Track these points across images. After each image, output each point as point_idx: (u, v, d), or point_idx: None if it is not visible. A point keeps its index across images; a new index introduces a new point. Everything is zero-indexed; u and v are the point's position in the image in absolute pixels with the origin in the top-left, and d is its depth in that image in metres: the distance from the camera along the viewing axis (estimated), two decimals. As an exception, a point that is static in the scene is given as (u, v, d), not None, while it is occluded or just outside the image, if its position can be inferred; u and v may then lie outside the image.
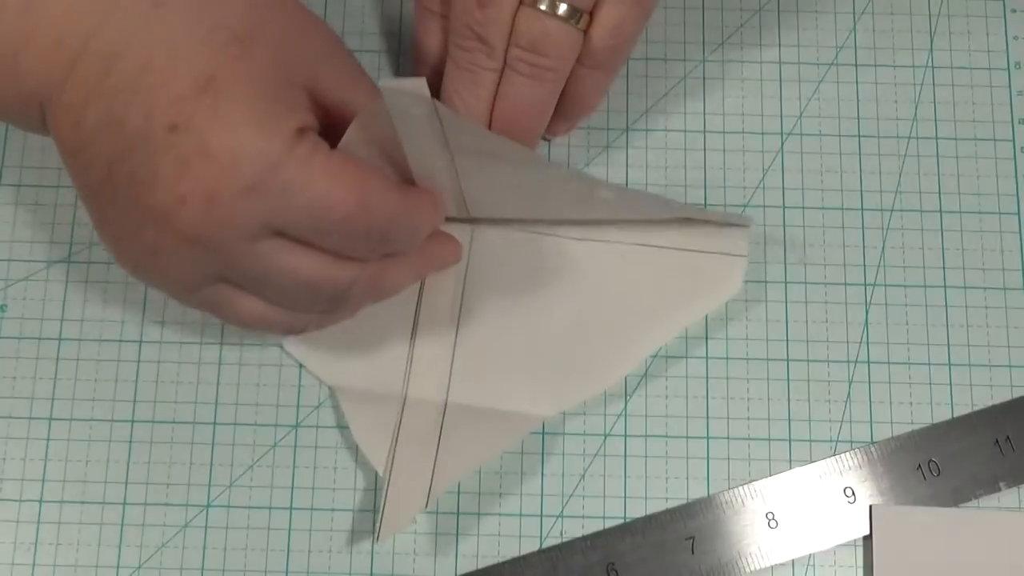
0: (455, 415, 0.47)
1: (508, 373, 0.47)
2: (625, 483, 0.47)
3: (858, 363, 0.49)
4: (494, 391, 0.47)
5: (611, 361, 0.48)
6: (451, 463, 0.46)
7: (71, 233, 0.50)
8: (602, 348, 0.48)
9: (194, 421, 0.48)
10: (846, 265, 0.50)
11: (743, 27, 0.53)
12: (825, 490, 0.47)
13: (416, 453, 0.46)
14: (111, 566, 0.46)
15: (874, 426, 0.48)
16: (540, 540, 0.47)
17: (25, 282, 0.49)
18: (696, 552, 0.46)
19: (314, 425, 0.48)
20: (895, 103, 0.52)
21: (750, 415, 0.48)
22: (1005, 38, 0.53)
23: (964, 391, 0.48)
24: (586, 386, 0.47)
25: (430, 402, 0.47)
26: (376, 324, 0.48)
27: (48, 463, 0.47)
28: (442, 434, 0.46)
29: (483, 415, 0.47)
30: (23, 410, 0.48)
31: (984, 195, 0.51)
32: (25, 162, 0.51)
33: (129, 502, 0.47)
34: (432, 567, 0.46)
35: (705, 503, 0.47)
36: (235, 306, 0.42)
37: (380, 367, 0.47)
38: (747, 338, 0.49)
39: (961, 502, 0.46)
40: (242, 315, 0.42)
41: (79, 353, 0.49)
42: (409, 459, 0.46)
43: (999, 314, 0.49)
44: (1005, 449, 0.47)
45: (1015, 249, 0.50)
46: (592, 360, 0.48)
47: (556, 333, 0.48)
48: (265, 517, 0.47)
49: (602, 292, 0.48)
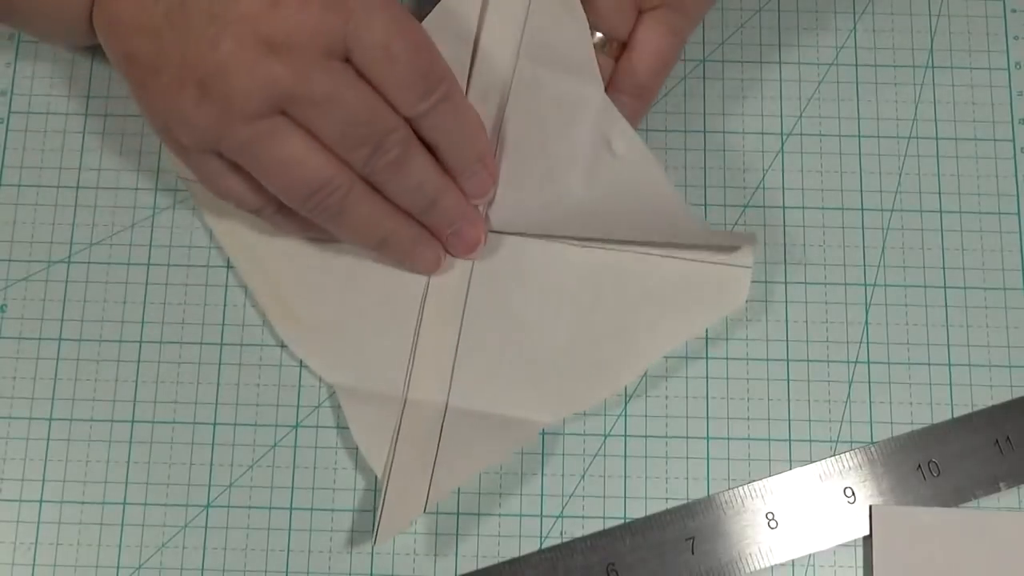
0: (455, 419, 0.47)
1: (510, 378, 0.47)
2: (625, 483, 0.47)
3: (858, 363, 0.49)
4: (495, 396, 0.47)
5: (613, 369, 0.47)
6: (450, 467, 0.46)
7: (71, 233, 0.50)
8: (605, 356, 0.47)
9: (194, 421, 0.48)
10: (846, 265, 0.50)
11: (743, 27, 0.53)
12: (825, 490, 0.47)
13: (415, 456, 0.46)
14: (111, 566, 0.46)
15: (874, 426, 0.48)
16: (540, 540, 0.47)
17: (25, 282, 0.49)
18: (696, 552, 0.46)
19: (314, 425, 0.48)
20: (895, 103, 0.52)
21: (750, 415, 0.48)
22: (1005, 38, 0.53)
23: (964, 391, 0.48)
24: (588, 394, 0.47)
25: (431, 404, 0.47)
26: (379, 324, 0.48)
27: (48, 463, 0.47)
28: (442, 437, 0.46)
29: (483, 419, 0.47)
30: (23, 410, 0.48)
31: (984, 195, 0.51)
32: (25, 162, 0.51)
33: (129, 502, 0.47)
34: (432, 567, 0.46)
35: (705, 503, 0.47)
36: (282, 141, 0.41)
37: (382, 367, 0.47)
38: (747, 338, 0.49)
39: (961, 502, 0.46)
40: (288, 156, 0.42)
41: (79, 353, 0.49)
42: (408, 462, 0.46)
43: (999, 314, 0.49)
44: (1005, 449, 0.47)
45: (1015, 249, 0.50)
46: (594, 368, 0.47)
47: (559, 339, 0.48)
48: (265, 517, 0.47)
49: (606, 299, 0.48)
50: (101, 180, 0.51)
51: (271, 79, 0.40)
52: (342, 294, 0.48)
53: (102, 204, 0.50)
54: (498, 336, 0.48)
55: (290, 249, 0.49)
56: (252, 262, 0.49)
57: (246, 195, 0.44)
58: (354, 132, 0.42)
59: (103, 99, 0.52)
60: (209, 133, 0.41)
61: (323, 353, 0.48)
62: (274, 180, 0.42)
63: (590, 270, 0.48)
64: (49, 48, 0.52)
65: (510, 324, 0.48)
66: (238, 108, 0.41)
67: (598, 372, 0.47)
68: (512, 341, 0.48)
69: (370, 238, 0.46)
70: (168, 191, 0.50)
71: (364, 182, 0.44)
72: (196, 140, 0.42)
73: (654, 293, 0.48)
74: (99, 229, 0.50)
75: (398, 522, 0.45)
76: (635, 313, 0.48)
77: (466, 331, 0.48)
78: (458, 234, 0.47)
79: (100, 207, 0.50)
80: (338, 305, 0.48)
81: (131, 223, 0.50)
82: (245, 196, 0.44)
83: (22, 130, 0.51)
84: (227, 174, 0.43)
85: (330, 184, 0.43)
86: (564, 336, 0.48)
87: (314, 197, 0.43)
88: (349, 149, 0.42)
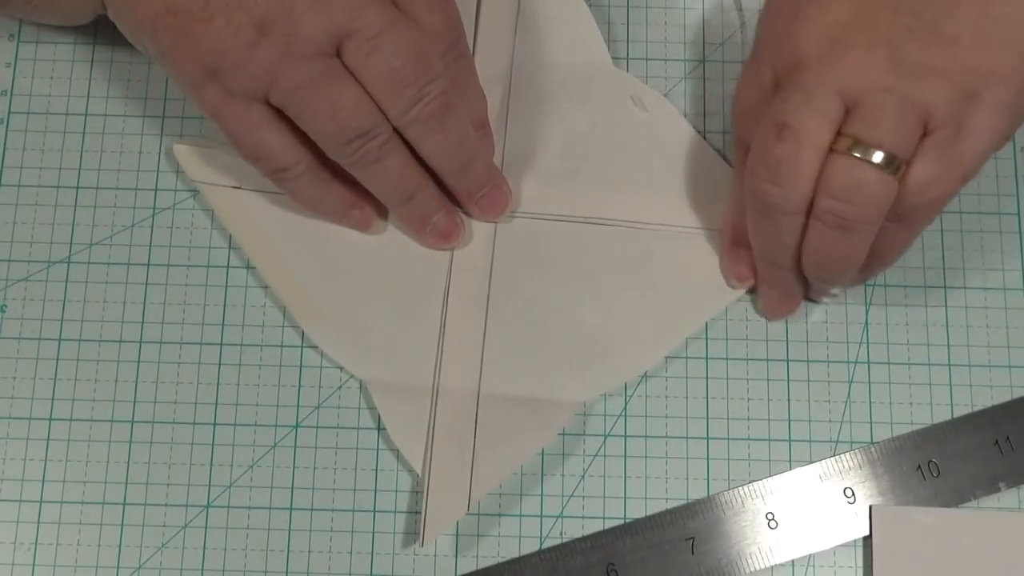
0: (489, 405, 0.47)
1: (540, 360, 0.47)
2: (625, 483, 0.47)
3: (858, 363, 0.49)
4: (527, 378, 0.47)
5: (648, 343, 0.48)
6: (490, 456, 0.46)
7: (71, 233, 0.50)
8: (638, 330, 0.48)
9: (194, 422, 0.48)
10: (846, 265, 0.50)
11: (743, 27, 0.53)
12: (825, 490, 0.47)
13: (453, 446, 0.46)
14: (111, 567, 0.46)
15: (874, 426, 0.48)
16: (540, 540, 0.47)
17: (25, 282, 0.49)
18: (696, 552, 0.46)
19: (314, 425, 0.48)
20: (895, 103, 0.52)
21: (750, 415, 0.48)
22: (1005, 38, 0.53)
23: (964, 391, 0.48)
24: (626, 367, 0.48)
25: (463, 391, 0.47)
26: (405, 315, 0.48)
27: (48, 463, 0.47)
28: (478, 424, 0.46)
29: (517, 404, 0.47)
30: (23, 410, 0.48)
31: (984, 195, 0.51)
32: (25, 162, 0.51)
33: (129, 502, 0.47)
34: (432, 567, 0.46)
35: (705, 503, 0.47)
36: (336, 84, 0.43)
37: (411, 358, 0.48)
38: (747, 338, 0.49)
39: (961, 502, 0.46)
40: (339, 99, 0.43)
41: (79, 353, 0.49)
42: (447, 453, 0.46)
43: (999, 314, 0.49)
44: (1005, 449, 0.47)
45: (1015, 249, 0.50)
46: (628, 343, 0.48)
47: (586, 320, 0.48)
48: (265, 517, 0.47)
49: (631, 275, 0.48)
50: (101, 180, 0.51)
51: (330, 15, 0.42)
52: (366, 288, 0.48)
53: (102, 204, 0.50)
54: (525, 318, 0.48)
55: (311, 246, 0.49)
56: (274, 263, 0.49)
57: (283, 149, 0.44)
58: (403, 71, 0.43)
59: (103, 99, 0.52)
60: (265, 75, 0.42)
61: (352, 349, 0.48)
62: (322, 123, 0.43)
63: (612, 247, 0.49)
64: (49, 48, 0.52)
65: (536, 306, 0.48)
66: (299, 47, 0.42)
67: (632, 347, 0.48)
68: (539, 322, 0.48)
69: (399, 192, 0.46)
70: (168, 191, 0.50)
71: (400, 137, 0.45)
72: (248, 84, 0.42)
73: (680, 265, 0.48)
74: (99, 229, 0.50)
75: (444, 518, 0.45)
76: (662, 287, 0.48)
77: (492, 315, 0.48)
78: (487, 197, 0.48)
79: (100, 207, 0.50)
80: (363, 299, 0.48)
81: (131, 223, 0.50)
82: (281, 151, 0.44)
83: (22, 130, 0.51)
84: (267, 125, 0.43)
85: (375, 129, 0.43)
86: (592, 313, 0.48)
87: (356, 142, 0.43)
88: (397, 90, 0.43)
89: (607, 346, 0.48)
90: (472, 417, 0.47)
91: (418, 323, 0.48)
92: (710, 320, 0.49)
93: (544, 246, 0.49)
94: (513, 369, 0.47)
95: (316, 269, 0.48)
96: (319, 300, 0.48)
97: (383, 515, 0.47)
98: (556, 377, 0.47)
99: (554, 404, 0.47)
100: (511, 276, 0.48)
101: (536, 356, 0.47)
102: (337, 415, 0.48)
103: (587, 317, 0.48)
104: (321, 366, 0.48)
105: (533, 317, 0.48)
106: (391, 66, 0.42)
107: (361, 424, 0.48)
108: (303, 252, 0.49)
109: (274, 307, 0.49)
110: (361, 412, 0.48)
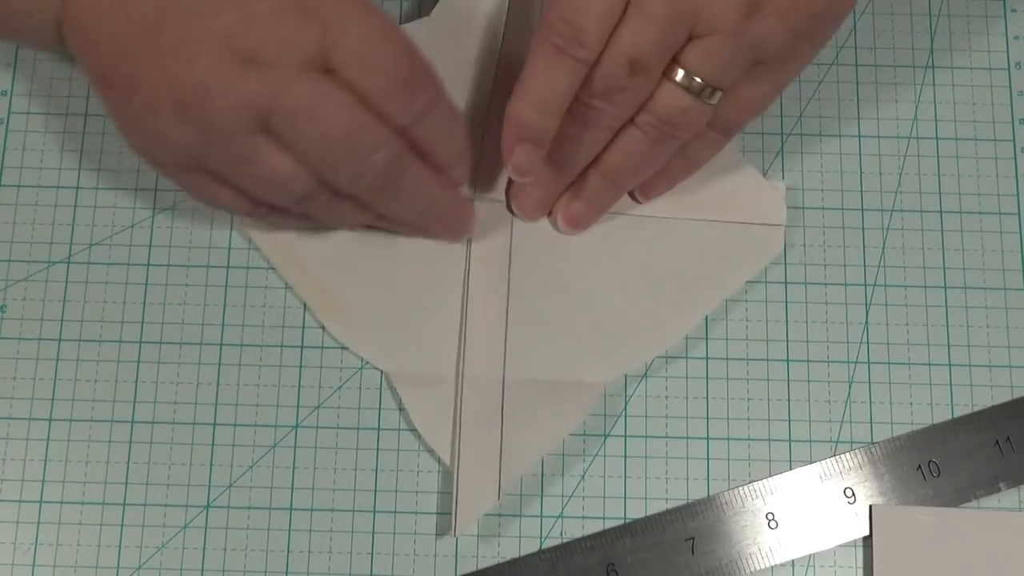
0: (515, 391, 0.47)
1: (562, 344, 0.48)
2: (625, 483, 0.47)
3: (858, 363, 0.49)
4: (550, 362, 0.47)
5: (667, 325, 0.48)
6: (519, 444, 0.46)
7: (71, 233, 0.50)
8: (657, 310, 0.48)
9: (194, 422, 0.48)
10: (846, 265, 0.50)
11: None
12: (825, 490, 0.47)
13: (481, 435, 0.46)
14: (111, 567, 0.46)
15: (874, 426, 0.48)
16: (540, 541, 0.47)
17: (25, 282, 0.49)
18: (696, 552, 0.46)
19: (314, 426, 0.48)
20: (895, 103, 0.52)
21: (750, 416, 0.48)
22: (1005, 38, 0.53)
23: (964, 391, 0.48)
24: (647, 347, 0.48)
25: (488, 378, 0.47)
26: (426, 305, 0.48)
27: (48, 464, 0.47)
28: (504, 410, 0.47)
29: (542, 388, 0.47)
30: (23, 410, 0.48)
31: (984, 195, 0.51)
32: (25, 162, 0.51)
33: (129, 503, 0.47)
34: (432, 567, 0.46)
35: (705, 503, 0.47)
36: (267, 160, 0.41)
37: (435, 348, 0.48)
38: (747, 338, 0.49)
39: (961, 502, 0.46)
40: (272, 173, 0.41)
41: (79, 354, 0.49)
42: (475, 442, 0.46)
43: (999, 314, 0.49)
44: (1005, 449, 0.47)
45: (1015, 249, 0.50)
46: (648, 325, 0.48)
47: (606, 301, 0.48)
48: (265, 517, 0.47)
49: (647, 262, 0.49)
50: (101, 180, 0.51)
51: (248, 95, 0.39)
52: (386, 280, 0.49)
53: (102, 204, 0.50)
54: (545, 303, 0.48)
55: (329, 244, 0.49)
56: (293, 263, 0.49)
57: (237, 202, 0.44)
58: (332, 151, 0.41)
59: (103, 99, 0.52)
60: (190, 153, 0.41)
61: (376, 342, 0.48)
62: (260, 195, 0.43)
63: (626, 236, 0.49)
64: (49, 48, 0.52)
65: (555, 290, 0.48)
66: (217, 127, 0.40)
67: (652, 329, 0.48)
68: (560, 307, 0.48)
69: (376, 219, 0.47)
70: (168, 191, 0.50)
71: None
72: (177, 161, 0.41)
73: (693, 253, 0.49)
74: (99, 229, 0.50)
75: (475, 507, 0.45)
76: (678, 271, 0.49)
77: (513, 302, 0.48)
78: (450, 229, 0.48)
79: (100, 207, 0.50)
80: (384, 292, 0.48)
81: (131, 223, 0.50)
82: (236, 203, 0.44)
83: (22, 130, 0.51)
84: (214, 186, 0.43)
85: (317, 191, 0.42)
86: (611, 297, 0.48)
87: (302, 203, 0.43)
88: (333, 169, 0.41)
89: (628, 327, 0.48)
90: (498, 404, 0.47)
91: (440, 313, 0.48)
92: (710, 321, 0.49)
93: (560, 235, 0.49)
94: (536, 354, 0.48)
95: (336, 265, 0.49)
96: (340, 295, 0.48)
97: (383, 515, 0.47)
98: (579, 359, 0.48)
99: (579, 386, 0.47)
100: (530, 262, 0.49)
101: (558, 340, 0.48)
102: (337, 415, 0.48)
103: (607, 300, 0.48)
104: (321, 366, 0.48)
105: (553, 301, 0.48)
106: (319, 149, 0.41)
107: (361, 424, 0.48)
108: (322, 249, 0.49)
109: (274, 307, 0.49)
110: (361, 412, 0.48)
